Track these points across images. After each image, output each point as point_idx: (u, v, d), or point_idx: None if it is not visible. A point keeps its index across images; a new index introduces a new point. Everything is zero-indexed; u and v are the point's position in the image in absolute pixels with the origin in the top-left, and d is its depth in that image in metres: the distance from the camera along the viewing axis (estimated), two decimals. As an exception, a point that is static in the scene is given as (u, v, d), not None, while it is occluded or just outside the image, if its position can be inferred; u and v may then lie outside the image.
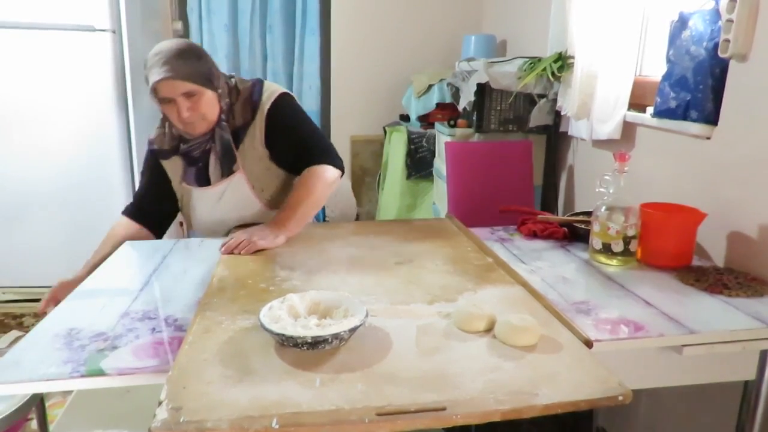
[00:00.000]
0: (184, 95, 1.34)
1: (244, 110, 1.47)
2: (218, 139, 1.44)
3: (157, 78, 1.30)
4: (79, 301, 1.11)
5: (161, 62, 1.31)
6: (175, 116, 1.37)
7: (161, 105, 1.38)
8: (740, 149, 1.34)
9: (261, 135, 1.47)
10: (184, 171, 1.51)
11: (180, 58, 1.32)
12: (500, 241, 1.50)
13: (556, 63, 2.03)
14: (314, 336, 0.82)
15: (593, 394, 0.74)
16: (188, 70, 1.32)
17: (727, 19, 1.30)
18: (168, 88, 1.32)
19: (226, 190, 1.49)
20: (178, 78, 1.31)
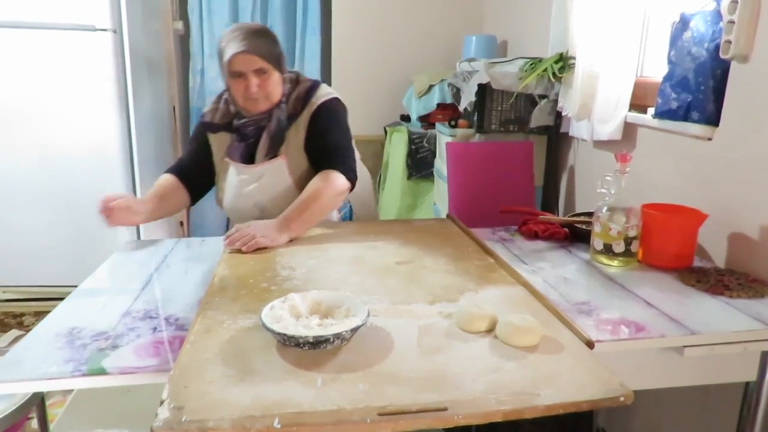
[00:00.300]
0: (255, 71, 1.42)
1: (297, 102, 1.54)
2: (275, 119, 1.50)
3: (236, 50, 1.38)
4: (80, 301, 1.11)
5: (241, 37, 1.39)
6: (242, 90, 1.44)
7: (230, 79, 1.44)
8: (741, 150, 1.34)
9: (303, 130, 1.53)
10: (231, 146, 1.55)
11: (258, 37, 1.42)
12: (501, 241, 1.50)
13: (557, 63, 2.03)
14: (316, 336, 0.82)
15: (595, 395, 0.74)
16: (264, 49, 1.42)
17: (728, 20, 1.30)
18: (243, 62, 1.40)
19: (266, 173, 1.51)
20: (255, 53, 1.40)
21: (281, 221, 1.39)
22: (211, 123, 1.56)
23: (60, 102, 2.41)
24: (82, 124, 2.44)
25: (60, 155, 2.46)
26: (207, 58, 3.20)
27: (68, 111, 2.42)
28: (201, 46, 3.19)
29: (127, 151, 2.53)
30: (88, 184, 2.49)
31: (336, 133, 1.54)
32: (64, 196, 2.49)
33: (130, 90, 2.48)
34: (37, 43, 2.35)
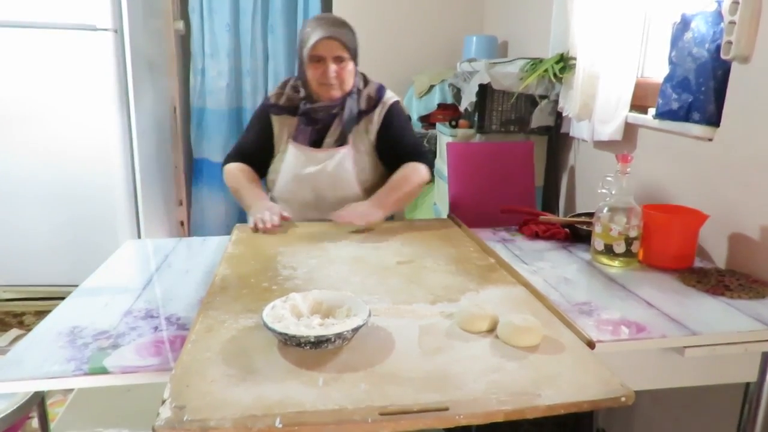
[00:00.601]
0: (335, 58, 1.50)
1: (369, 99, 1.62)
2: (348, 108, 1.57)
3: (322, 35, 1.46)
4: (81, 300, 1.11)
5: (326, 25, 1.49)
6: (319, 75, 1.51)
7: (309, 63, 1.51)
8: (742, 151, 1.34)
9: (376, 126, 1.62)
10: (298, 129, 1.60)
11: (342, 27, 1.52)
12: (502, 241, 1.50)
13: (557, 64, 2.03)
14: (317, 335, 0.82)
15: (596, 395, 0.74)
16: (346, 38, 1.51)
17: (729, 21, 1.30)
18: (327, 47, 1.48)
19: (330, 160, 1.58)
20: (338, 40, 1.48)
21: (376, 201, 1.50)
22: (275, 104, 1.61)
23: (61, 102, 2.41)
24: (83, 123, 2.44)
25: (61, 155, 2.46)
26: (208, 58, 3.19)
27: (69, 111, 2.42)
28: (202, 46, 3.18)
29: (127, 151, 2.52)
30: (88, 183, 2.49)
31: (410, 132, 1.69)
32: (65, 196, 2.49)
33: (130, 90, 2.48)
34: (38, 42, 2.35)
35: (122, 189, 2.53)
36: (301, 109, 1.58)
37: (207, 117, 3.28)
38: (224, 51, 3.19)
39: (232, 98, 3.30)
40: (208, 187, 3.36)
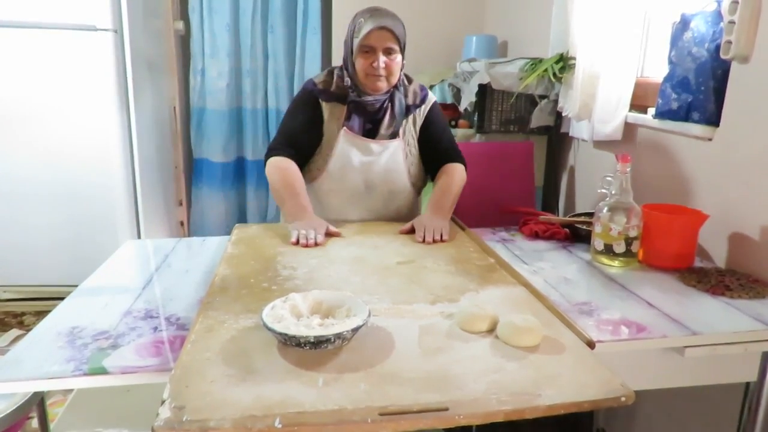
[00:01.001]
0: (385, 50, 1.47)
1: (415, 95, 1.62)
2: (397, 100, 1.57)
3: (375, 25, 1.44)
4: (81, 300, 1.11)
5: (380, 16, 1.47)
6: (367, 65, 1.48)
7: (359, 53, 1.48)
8: (742, 151, 1.34)
9: (420, 121, 1.62)
10: (349, 117, 1.57)
11: (395, 20, 1.50)
12: (502, 241, 1.50)
13: (557, 64, 2.03)
14: (317, 336, 0.82)
15: (596, 395, 0.74)
16: (399, 30, 1.49)
17: (729, 21, 1.30)
18: (379, 37, 1.46)
19: (385, 152, 1.57)
20: (390, 31, 1.46)
21: (440, 211, 1.52)
22: (325, 90, 1.56)
23: (61, 102, 2.41)
24: (83, 123, 2.44)
25: (61, 155, 2.45)
26: (208, 58, 3.19)
27: (69, 111, 2.42)
28: (202, 46, 3.18)
29: (127, 151, 2.52)
30: (88, 183, 2.49)
31: (449, 131, 1.70)
32: (65, 196, 2.49)
33: (130, 90, 2.48)
34: (38, 43, 2.35)
35: (122, 189, 2.53)
36: (351, 97, 1.54)
37: (207, 117, 3.27)
38: (224, 51, 3.19)
39: (232, 98, 3.29)
40: (208, 187, 3.36)
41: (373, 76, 1.48)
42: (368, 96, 1.53)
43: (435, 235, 1.40)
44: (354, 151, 1.56)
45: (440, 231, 1.42)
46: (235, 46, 3.23)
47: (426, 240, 1.39)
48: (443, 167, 1.62)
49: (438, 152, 1.64)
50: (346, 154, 1.56)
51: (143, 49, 2.62)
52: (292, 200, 1.47)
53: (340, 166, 1.56)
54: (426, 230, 1.42)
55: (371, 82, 1.49)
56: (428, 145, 1.63)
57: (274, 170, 1.52)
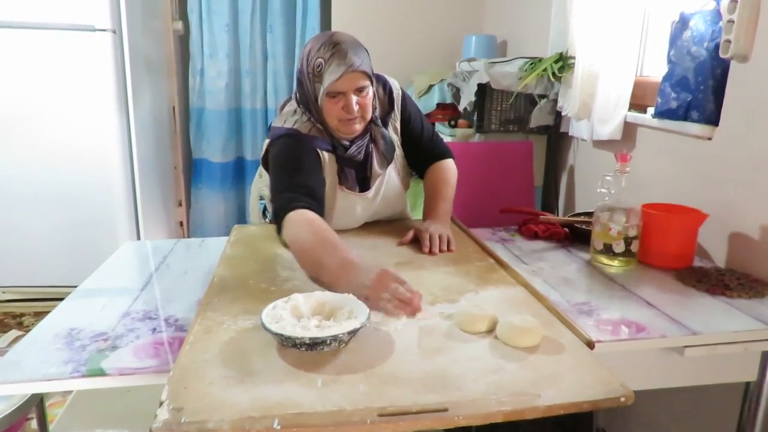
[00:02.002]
0: (356, 90, 1.28)
1: (382, 103, 1.47)
2: (378, 136, 1.43)
3: (344, 69, 1.23)
4: (79, 301, 1.11)
5: (342, 54, 1.25)
6: (338, 111, 1.29)
7: (327, 99, 1.29)
8: (741, 150, 1.33)
9: (397, 124, 1.50)
10: (340, 174, 1.41)
11: (359, 50, 1.28)
12: (501, 241, 1.49)
13: (556, 63, 2.03)
14: (312, 337, 0.81)
15: (595, 395, 0.74)
16: (367, 64, 1.29)
17: (728, 20, 1.30)
18: (348, 81, 1.26)
19: (381, 188, 1.49)
20: (359, 70, 1.26)
21: (444, 218, 1.46)
22: (319, 139, 1.36)
23: (60, 102, 2.41)
24: (82, 124, 2.44)
25: (60, 155, 2.45)
26: (207, 58, 3.19)
27: (68, 111, 2.42)
28: (201, 46, 3.18)
29: (126, 152, 2.52)
30: (88, 184, 2.49)
31: (424, 120, 1.57)
32: (64, 197, 2.49)
33: (129, 90, 2.47)
34: (36, 43, 2.34)
35: (121, 189, 2.53)
36: (340, 155, 1.39)
37: (206, 117, 3.27)
38: (223, 51, 3.19)
39: (232, 98, 3.29)
40: (207, 188, 3.36)
41: (347, 120, 1.31)
42: (347, 143, 1.38)
43: (442, 245, 1.33)
44: (354, 206, 1.47)
45: (446, 241, 1.35)
46: (234, 46, 3.23)
47: (432, 252, 1.31)
48: (433, 167, 1.56)
49: (422, 150, 1.56)
50: (348, 208, 1.46)
51: (142, 50, 2.62)
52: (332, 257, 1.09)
53: (342, 218, 1.46)
54: (432, 241, 1.33)
55: (346, 127, 1.32)
56: (411, 144, 1.54)
57: (301, 226, 1.19)
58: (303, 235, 1.17)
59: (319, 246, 1.13)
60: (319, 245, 1.13)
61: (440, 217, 1.46)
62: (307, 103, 1.35)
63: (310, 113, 1.36)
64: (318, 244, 1.14)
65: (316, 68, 1.27)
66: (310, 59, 1.29)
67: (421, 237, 1.36)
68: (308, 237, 1.16)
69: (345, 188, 1.43)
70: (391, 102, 1.47)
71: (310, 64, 1.29)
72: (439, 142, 1.60)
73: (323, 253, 1.11)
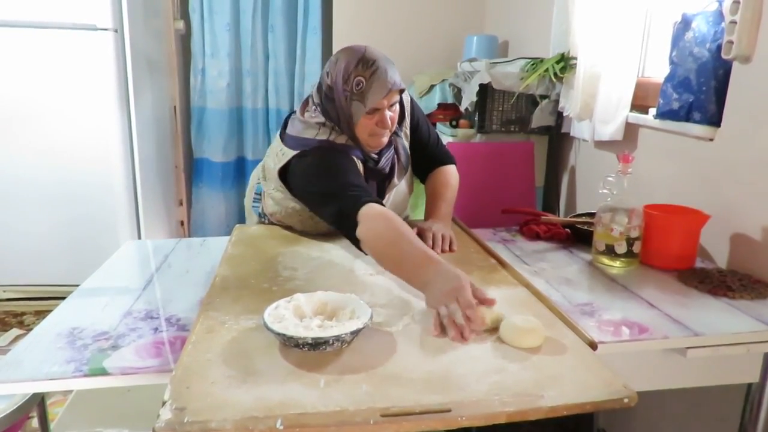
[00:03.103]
0: (390, 105, 1.30)
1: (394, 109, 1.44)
2: (400, 147, 1.46)
3: (387, 90, 1.25)
4: (81, 300, 1.11)
5: (382, 73, 1.25)
6: (371, 127, 1.30)
7: (366, 116, 1.28)
8: (743, 151, 1.33)
9: (408, 130, 1.51)
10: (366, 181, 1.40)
11: (393, 68, 1.29)
12: (503, 242, 1.49)
13: (558, 64, 2.03)
14: (314, 337, 0.81)
15: (598, 396, 0.74)
16: (400, 80, 1.30)
17: (730, 21, 1.30)
18: (388, 98, 1.27)
19: (392, 193, 1.51)
20: (399, 88, 1.28)
21: (446, 219, 1.47)
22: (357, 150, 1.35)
23: (61, 101, 2.41)
24: (83, 123, 2.44)
25: (61, 155, 2.45)
26: (208, 58, 3.19)
27: (69, 110, 2.42)
28: (202, 46, 3.18)
29: (128, 151, 2.52)
30: (88, 183, 2.49)
31: (430, 125, 1.59)
32: (65, 196, 2.49)
33: (131, 89, 2.47)
34: (38, 42, 2.34)
35: (122, 189, 2.53)
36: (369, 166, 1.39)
37: (207, 117, 3.27)
38: (224, 51, 3.19)
39: (233, 98, 3.29)
40: (208, 187, 3.35)
41: (378, 135, 1.32)
42: (374, 155, 1.39)
43: (444, 245, 1.35)
44: None
45: (448, 240, 1.36)
46: (236, 46, 3.23)
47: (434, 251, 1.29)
48: (436, 171, 1.58)
49: (427, 153, 1.58)
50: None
51: (143, 49, 2.61)
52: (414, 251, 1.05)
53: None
54: (435, 240, 1.34)
55: (375, 140, 1.33)
56: (418, 147, 1.55)
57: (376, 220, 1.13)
58: (381, 228, 1.12)
59: (400, 240, 1.07)
60: (400, 239, 1.07)
61: (442, 217, 1.46)
62: (338, 118, 1.33)
63: (339, 128, 1.34)
64: (397, 237, 1.08)
65: (355, 87, 1.26)
66: (348, 77, 1.26)
67: (424, 236, 1.36)
68: (389, 233, 1.10)
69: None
70: (404, 110, 1.48)
71: (348, 83, 1.26)
72: (442, 148, 1.62)
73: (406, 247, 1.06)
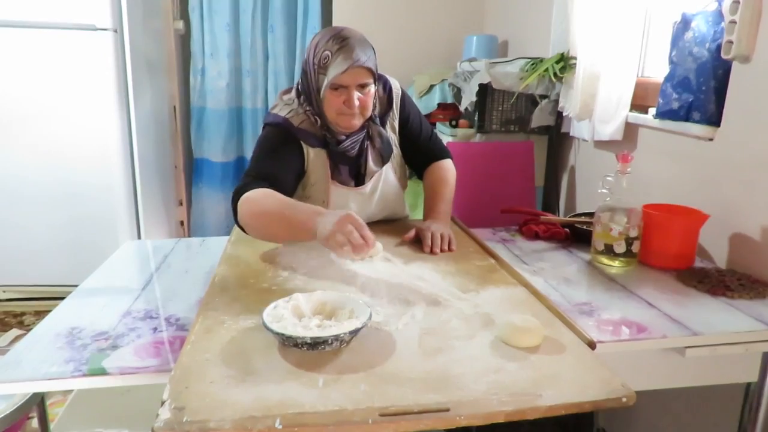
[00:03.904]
0: (359, 86, 1.30)
1: (381, 101, 1.47)
2: (375, 134, 1.44)
3: (349, 63, 1.25)
4: (80, 300, 1.11)
5: (349, 48, 1.26)
6: (338, 105, 1.31)
7: (329, 91, 1.30)
8: (743, 151, 1.33)
9: (397, 122, 1.51)
10: (334, 168, 1.42)
11: (366, 47, 1.30)
12: (502, 241, 1.49)
13: (558, 63, 2.03)
14: (313, 337, 0.81)
15: (597, 396, 0.74)
16: (372, 61, 1.31)
17: (730, 21, 1.30)
18: (353, 76, 1.28)
19: (378, 185, 1.50)
20: (364, 66, 1.28)
21: (445, 218, 1.46)
22: (307, 132, 1.36)
23: (60, 102, 2.41)
24: (83, 123, 2.44)
25: (60, 155, 2.45)
26: (208, 58, 3.19)
27: (69, 110, 2.42)
28: (202, 46, 3.18)
29: (127, 151, 2.52)
30: (88, 183, 2.49)
31: (423, 119, 1.59)
32: (65, 196, 2.49)
33: (130, 89, 2.48)
34: (37, 42, 2.34)
35: (122, 189, 2.53)
36: (333, 149, 1.39)
37: (207, 117, 3.27)
38: (224, 51, 3.19)
39: (232, 98, 3.29)
40: (208, 187, 3.36)
41: (347, 115, 1.32)
42: (343, 138, 1.38)
43: (443, 245, 1.33)
44: (349, 200, 1.47)
45: (447, 240, 1.35)
46: (235, 46, 3.23)
47: (434, 251, 1.31)
48: (432, 167, 1.57)
49: (421, 150, 1.57)
50: (342, 204, 1.46)
51: (143, 49, 2.62)
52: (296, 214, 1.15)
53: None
54: (434, 240, 1.33)
55: (344, 121, 1.33)
56: (410, 143, 1.55)
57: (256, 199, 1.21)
58: (264, 204, 1.20)
59: (285, 208, 1.17)
60: (284, 207, 1.17)
61: (441, 216, 1.46)
62: (309, 93, 1.36)
63: (309, 104, 1.37)
64: (282, 206, 1.18)
65: (322, 60, 1.29)
66: (317, 51, 1.30)
67: (422, 236, 1.36)
68: (270, 203, 1.19)
69: (338, 182, 1.44)
70: (390, 101, 1.48)
71: (316, 56, 1.30)
72: (437, 143, 1.61)
73: (290, 211, 1.16)
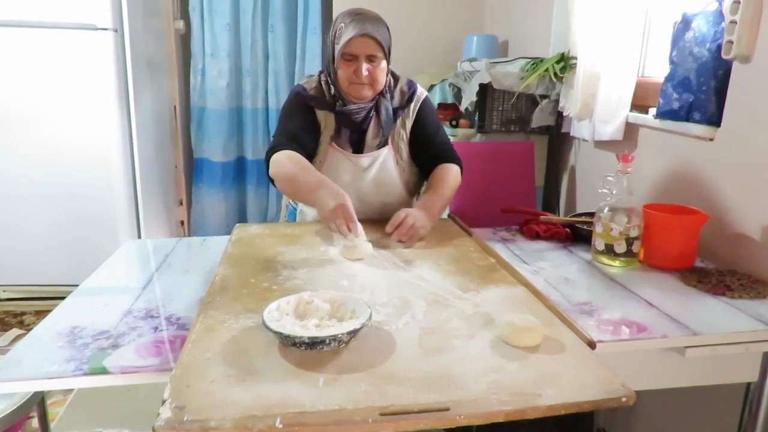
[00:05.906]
0: (368, 57, 1.41)
1: (402, 95, 1.56)
2: (383, 108, 1.51)
3: (356, 32, 1.37)
4: (81, 300, 1.11)
5: (361, 21, 1.40)
6: (349, 74, 1.42)
7: (341, 59, 1.42)
8: (743, 151, 1.33)
9: (410, 122, 1.58)
10: (337, 131, 1.52)
11: (378, 24, 1.43)
12: (502, 241, 1.50)
13: (558, 63, 2.03)
14: (311, 337, 0.82)
15: (597, 395, 0.74)
16: (382, 36, 1.42)
17: (730, 21, 1.30)
18: (362, 45, 1.39)
19: (375, 163, 1.54)
20: (373, 38, 1.39)
21: (429, 211, 1.43)
22: (316, 97, 1.50)
23: (61, 101, 2.41)
24: (83, 123, 2.44)
25: (61, 154, 2.46)
26: (208, 58, 3.19)
27: (69, 110, 2.42)
28: (202, 46, 3.18)
29: (128, 151, 2.53)
30: (88, 183, 2.49)
31: (441, 129, 1.64)
32: (65, 196, 2.49)
33: (131, 89, 2.48)
34: (38, 42, 2.35)
35: (122, 189, 2.53)
36: (337, 108, 1.49)
37: (207, 116, 3.28)
38: (224, 50, 3.19)
39: (233, 98, 3.30)
40: (208, 187, 3.36)
41: (357, 84, 1.43)
42: (352, 104, 1.47)
43: (401, 233, 1.34)
44: (343, 167, 1.52)
45: (410, 231, 1.34)
46: (236, 46, 3.23)
47: (388, 232, 1.34)
48: (438, 168, 1.57)
49: (431, 153, 1.59)
50: (336, 171, 1.51)
51: (143, 49, 2.62)
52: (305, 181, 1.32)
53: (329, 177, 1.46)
54: (401, 224, 1.35)
55: (354, 90, 1.44)
56: (420, 145, 1.58)
57: (282, 161, 1.38)
58: (286, 166, 1.38)
59: (299, 172, 1.35)
60: (299, 171, 1.35)
61: (427, 208, 1.44)
62: (328, 64, 1.49)
63: (327, 74, 1.50)
64: (298, 170, 1.36)
65: (337, 32, 1.43)
66: (335, 25, 1.45)
67: (394, 216, 1.38)
68: (290, 166, 1.37)
69: (336, 145, 1.52)
70: (411, 99, 1.57)
71: (333, 29, 1.45)
72: (450, 151, 1.62)
73: (302, 176, 1.34)
